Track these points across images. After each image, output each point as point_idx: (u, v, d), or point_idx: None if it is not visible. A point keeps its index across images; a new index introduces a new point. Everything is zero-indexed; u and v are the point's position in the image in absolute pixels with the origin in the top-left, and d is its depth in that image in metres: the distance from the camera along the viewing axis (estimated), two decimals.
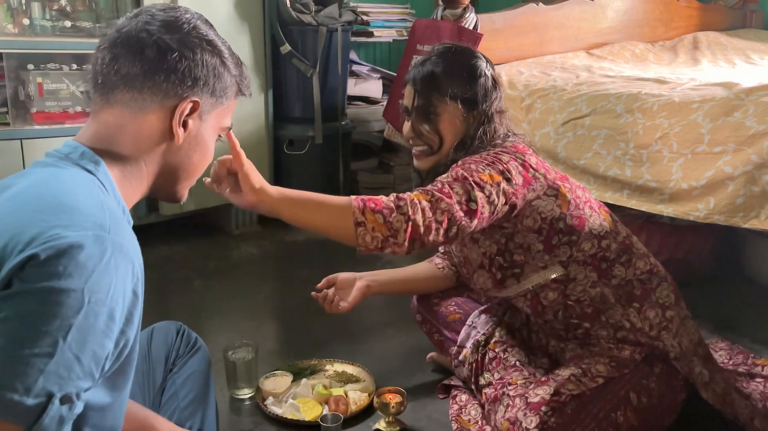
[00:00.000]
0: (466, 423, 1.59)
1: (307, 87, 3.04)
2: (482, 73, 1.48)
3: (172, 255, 2.73)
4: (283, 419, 1.59)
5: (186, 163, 0.99)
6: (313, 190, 3.35)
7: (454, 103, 1.45)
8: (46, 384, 0.72)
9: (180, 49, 0.92)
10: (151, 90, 0.92)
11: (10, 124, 2.46)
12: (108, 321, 0.78)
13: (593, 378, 1.39)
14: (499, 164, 1.36)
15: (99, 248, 0.77)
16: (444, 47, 1.53)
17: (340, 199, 1.28)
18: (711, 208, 1.78)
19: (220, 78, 0.96)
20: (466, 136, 1.46)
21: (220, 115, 1.00)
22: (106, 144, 0.92)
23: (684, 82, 2.16)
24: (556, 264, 1.44)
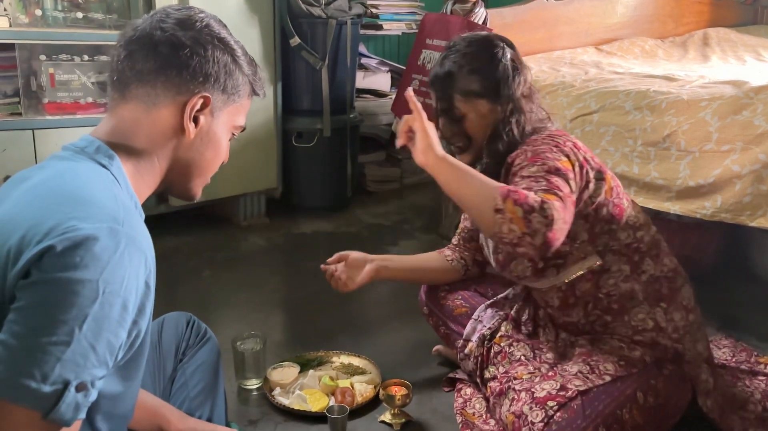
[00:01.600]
0: (471, 416, 1.61)
1: (316, 80, 3.04)
2: (499, 60, 1.45)
3: (180, 246, 2.75)
4: (290, 409, 1.61)
5: (198, 160, 1.00)
6: (320, 183, 3.39)
7: (477, 99, 1.44)
8: (63, 371, 0.75)
9: (192, 46, 0.95)
10: (164, 85, 0.94)
11: (22, 114, 2.48)
12: (122, 311, 0.80)
13: (600, 375, 1.40)
14: (563, 149, 1.38)
15: (113, 240, 0.79)
16: (459, 40, 1.50)
17: (493, 182, 1.29)
18: (718, 206, 1.78)
19: (231, 75, 0.98)
20: (497, 126, 1.45)
21: (232, 113, 1.02)
22: (122, 138, 0.95)
23: (693, 79, 2.16)
24: (594, 254, 1.45)
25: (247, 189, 2.99)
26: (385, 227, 3.07)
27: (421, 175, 3.71)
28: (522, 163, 1.37)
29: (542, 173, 1.30)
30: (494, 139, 1.46)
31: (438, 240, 2.80)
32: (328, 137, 3.08)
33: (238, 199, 2.99)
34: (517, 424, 1.34)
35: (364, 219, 3.17)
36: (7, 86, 2.55)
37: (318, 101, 3.06)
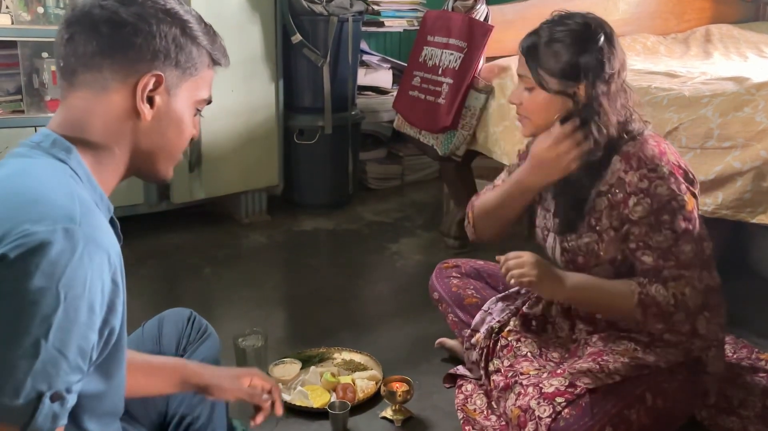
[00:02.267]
0: (472, 412, 1.61)
1: (317, 77, 3.04)
2: (586, 48, 1.38)
3: (182, 243, 2.76)
4: (291, 405, 1.62)
5: (161, 141, 0.95)
6: (321, 180, 3.39)
7: (552, 78, 1.40)
8: (35, 383, 0.73)
9: (135, 22, 0.89)
10: (111, 68, 0.89)
11: (24, 111, 2.49)
12: (89, 313, 0.78)
13: (610, 375, 1.39)
14: (682, 181, 1.37)
15: (70, 242, 0.76)
16: (558, 15, 1.46)
17: (624, 290, 1.41)
18: (719, 202, 1.78)
19: (183, 49, 0.92)
20: (569, 113, 1.41)
21: (192, 88, 0.96)
22: (77, 130, 0.90)
23: (695, 75, 2.15)
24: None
25: (249, 186, 2.99)
26: (386, 224, 3.07)
27: (423, 172, 3.72)
28: (644, 216, 1.36)
29: (670, 243, 1.36)
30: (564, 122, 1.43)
31: (439, 237, 2.80)
32: (330, 134, 3.08)
33: (240, 196, 2.99)
34: (522, 418, 1.35)
35: (365, 216, 3.17)
36: (9, 84, 2.56)
37: (319, 98, 3.06)
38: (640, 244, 1.39)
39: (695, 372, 1.45)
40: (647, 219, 1.36)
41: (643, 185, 1.36)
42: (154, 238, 2.75)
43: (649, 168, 1.36)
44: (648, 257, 1.38)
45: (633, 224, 1.38)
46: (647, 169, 1.36)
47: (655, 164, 1.37)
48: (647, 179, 1.36)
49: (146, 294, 2.33)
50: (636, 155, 1.38)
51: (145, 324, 1.40)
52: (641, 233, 1.38)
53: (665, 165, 1.37)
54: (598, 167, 1.41)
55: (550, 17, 1.46)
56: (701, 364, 1.45)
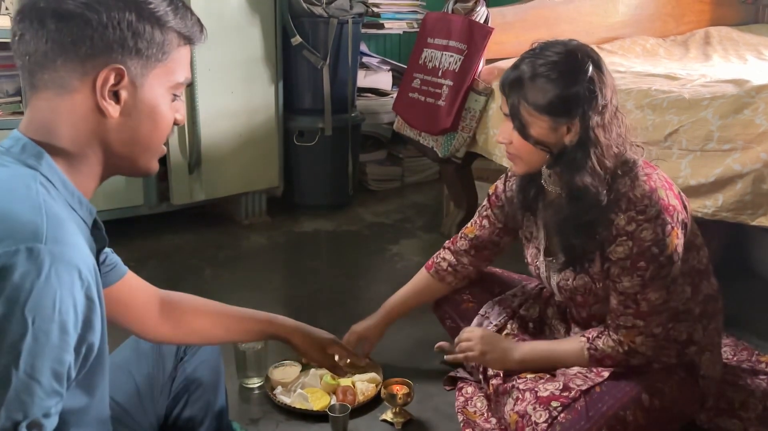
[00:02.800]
0: (472, 415, 1.61)
1: (317, 79, 3.05)
2: (577, 79, 1.30)
3: (182, 245, 2.75)
4: (291, 408, 1.62)
5: (135, 136, 0.88)
6: (321, 182, 3.39)
7: (541, 114, 1.32)
8: (10, 414, 0.71)
9: (83, 13, 0.82)
10: (65, 66, 0.82)
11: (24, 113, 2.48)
12: (61, 335, 0.74)
13: (598, 373, 1.41)
14: (671, 225, 1.32)
15: (34, 263, 0.72)
16: (538, 46, 1.36)
17: (574, 350, 1.45)
18: (719, 205, 1.78)
19: (141, 35, 0.85)
20: (562, 150, 1.34)
21: (163, 74, 0.89)
22: (44, 135, 0.84)
23: (694, 78, 2.15)
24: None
25: (249, 187, 2.99)
26: (386, 226, 3.07)
27: (423, 174, 3.72)
28: (622, 258, 1.33)
29: (636, 290, 1.34)
30: (557, 161, 1.36)
31: (439, 238, 2.80)
32: (330, 136, 3.09)
33: (240, 197, 3.00)
34: (520, 424, 1.35)
35: (365, 217, 3.17)
36: (8, 85, 2.56)
37: (319, 100, 3.06)
38: (611, 285, 1.38)
39: (692, 375, 1.45)
40: (623, 263, 1.34)
41: (630, 228, 1.32)
42: (154, 240, 2.75)
43: (637, 209, 1.31)
44: (614, 299, 1.39)
45: (611, 263, 1.36)
46: (635, 210, 1.32)
47: (644, 205, 1.32)
48: (634, 222, 1.32)
49: None
50: (626, 196, 1.33)
51: None
52: (614, 274, 1.36)
53: (654, 204, 1.32)
54: (602, 207, 1.34)
55: (531, 49, 1.37)
56: (695, 367, 1.45)
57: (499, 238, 1.68)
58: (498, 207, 1.64)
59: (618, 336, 1.39)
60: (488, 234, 1.67)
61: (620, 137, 1.35)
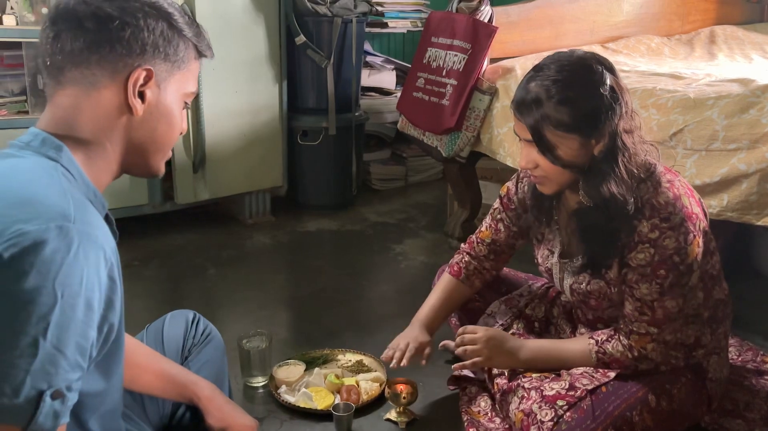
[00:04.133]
0: (476, 414, 1.61)
1: (321, 78, 3.05)
2: (596, 89, 1.27)
3: (186, 244, 2.76)
4: (295, 407, 1.62)
5: (152, 136, 0.94)
6: (325, 181, 3.39)
7: (568, 133, 1.29)
8: (34, 382, 0.73)
9: (121, 16, 0.88)
10: (99, 64, 0.88)
11: (29, 112, 2.49)
12: (87, 310, 0.78)
13: (605, 373, 1.40)
14: (694, 234, 1.30)
15: (64, 240, 0.75)
16: (548, 61, 1.32)
17: (581, 349, 1.44)
18: (724, 205, 1.78)
19: (170, 42, 0.92)
20: (592, 163, 1.32)
21: (181, 81, 0.96)
22: (66, 128, 0.89)
23: (700, 77, 2.15)
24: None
25: (253, 187, 2.99)
26: (390, 225, 3.07)
27: (426, 173, 3.72)
28: (643, 265, 1.31)
29: (654, 297, 1.32)
30: (589, 175, 1.32)
31: (443, 238, 2.80)
32: (334, 135, 3.09)
33: (244, 197, 3.00)
34: (525, 422, 1.34)
35: (369, 217, 3.17)
36: (14, 85, 2.57)
37: (323, 99, 3.06)
38: (627, 290, 1.36)
39: (699, 377, 1.45)
40: (643, 269, 1.32)
41: (653, 235, 1.29)
42: (158, 239, 2.76)
43: (661, 217, 1.29)
44: (629, 305, 1.36)
45: (630, 269, 1.34)
46: (659, 218, 1.29)
47: (668, 212, 1.30)
48: (658, 230, 1.29)
49: (150, 294, 2.33)
50: (649, 202, 1.31)
51: (149, 327, 1.40)
52: (632, 279, 1.34)
53: (678, 212, 1.30)
54: (629, 215, 1.32)
55: (537, 67, 1.33)
56: (703, 370, 1.44)
57: (515, 241, 1.66)
58: (511, 210, 1.62)
59: (629, 341, 1.37)
60: (504, 238, 1.65)
61: (640, 138, 1.34)
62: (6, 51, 2.52)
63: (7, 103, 2.52)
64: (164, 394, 1.25)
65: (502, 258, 1.71)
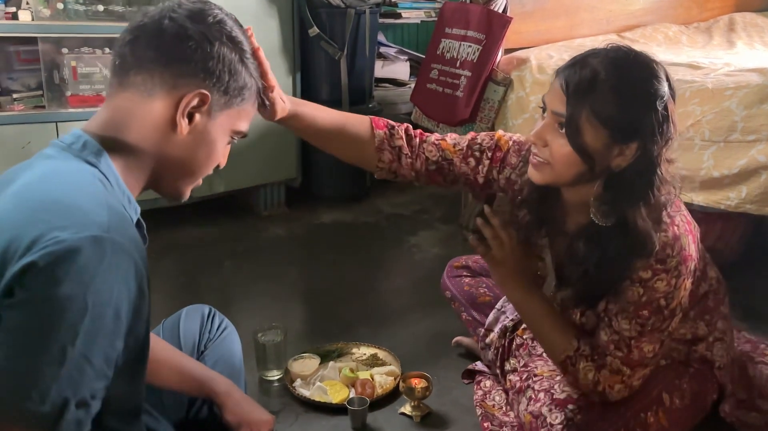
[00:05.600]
0: (491, 408, 1.61)
1: (334, 70, 3.04)
2: (654, 100, 1.13)
3: (202, 237, 2.78)
4: (311, 401, 1.63)
5: (189, 159, 0.96)
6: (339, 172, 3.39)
7: (601, 126, 1.14)
8: (60, 390, 0.74)
9: (198, 40, 0.91)
10: (161, 76, 0.91)
11: (45, 107, 2.51)
12: (115, 321, 0.79)
13: None
14: (685, 277, 1.22)
15: (98, 250, 0.76)
16: (616, 49, 1.18)
17: (560, 340, 1.32)
18: (743, 197, 1.76)
19: (235, 76, 0.94)
20: (611, 173, 1.19)
21: (233, 117, 0.97)
22: (114, 130, 0.91)
23: (718, 67, 2.12)
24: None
25: (267, 179, 3.00)
26: (404, 217, 3.06)
27: None
28: (628, 301, 1.22)
29: (632, 335, 1.23)
30: (615, 194, 1.20)
31: (457, 230, 2.80)
32: None
33: (259, 189, 3.01)
34: (534, 424, 1.33)
35: (383, 208, 3.17)
36: (30, 79, 2.58)
37: (337, 91, 3.06)
38: (605, 319, 1.27)
39: (706, 365, 1.42)
40: (627, 306, 1.23)
41: (645, 275, 1.20)
42: (174, 232, 2.77)
43: (657, 258, 1.19)
44: (604, 335, 1.26)
45: (612, 300, 1.26)
46: (656, 259, 1.19)
47: (666, 255, 1.19)
48: (651, 270, 1.20)
49: (166, 288, 2.35)
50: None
51: (165, 322, 1.42)
52: (612, 311, 1.25)
53: (676, 255, 1.20)
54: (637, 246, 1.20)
55: (608, 48, 1.18)
56: (708, 362, 1.42)
57: (465, 184, 1.44)
58: (494, 169, 1.40)
59: (599, 375, 1.26)
60: (463, 172, 1.42)
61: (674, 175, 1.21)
62: (22, 46, 2.53)
63: (24, 98, 2.54)
64: (181, 389, 1.27)
65: (435, 178, 1.45)
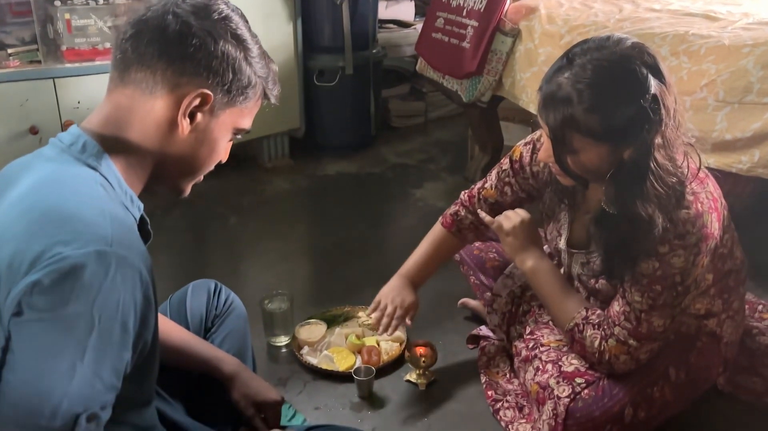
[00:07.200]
0: (495, 375, 1.63)
1: (336, 15, 2.94)
2: (637, 100, 1.12)
3: (206, 191, 2.75)
4: (318, 369, 1.66)
5: (191, 157, 0.94)
6: (343, 122, 3.33)
7: (595, 142, 1.16)
8: (72, 406, 0.75)
9: (202, 37, 0.88)
10: (163, 73, 0.88)
11: (42, 62, 2.45)
12: (122, 333, 0.79)
13: None
14: (700, 257, 1.22)
15: (103, 265, 0.76)
16: (582, 50, 1.16)
17: (569, 310, 1.38)
18: (755, 161, 1.71)
19: (239, 75, 0.91)
20: (619, 168, 1.20)
21: (236, 115, 0.95)
22: (115, 128, 0.90)
23: (736, 18, 2.02)
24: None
25: (271, 130, 2.96)
26: (409, 167, 3.03)
27: (446, 108, 3.63)
28: (642, 274, 1.23)
29: (643, 308, 1.25)
30: (616, 185, 1.22)
31: (463, 182, 2.77)
32: (351, 75, 3.01)
33: (262, 140, 2.98)
34: (541, 395, 1.36)
35: (388, 158, 3.13)
36: (24, 32, 2.51)
37: (339, 37, 2.97)
38: (620, 289, 1.29)
39: (713, 340, 1.42)
40: (641, 278, 1.24)
41: (663, 249, 1.21)
42: None
43: (677, 232, 1.19)
44: (617, 305, 1.29)
45: (629, 272, 1.27)
46: (674, 233, 1.20)
47: (686, 230, 1.20)
48: (669, 245, 1.20)
49: (173, 247, 2.35)
50: (668, 215, 1.21)
51: (172, 298, 1.42)
52: (627, 281, 1.27)
53: (696, 232, 1.20)
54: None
55: (569, 55, 1.17)
56: (717, 336, 1.42)
57: (520, 205, 1.56)
58: (522, 177, 1.51)
59: (606, 344, 1.30)
60: (510, 201, 1.56)
61: (683, 144, 1.21)
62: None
63: (19, 52, 2.47)
64: (189, 368, 1.29)
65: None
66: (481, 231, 1.65)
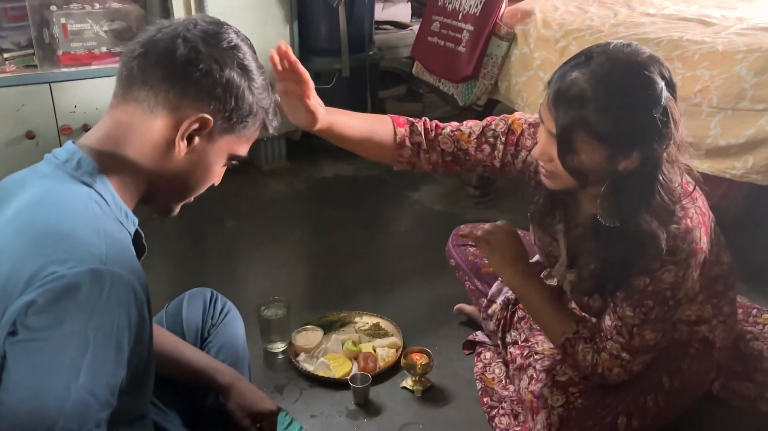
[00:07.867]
0: (490, 381, 1.64)
1: (333, 17, 2.93)
2: (650, 110, 1.09)
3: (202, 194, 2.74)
4: (314, 376, 1.66)
5: (184, 178, 0.95)
6: None
7: (598, 144, 1.13)
8: (67, 425, 0.76)
9: (209, 63, 0.90)
10: (166, 95, 0.90)
11: (38, 66, 2.45)
12: (117, 352, 0.80)
13: None
14: (691, 271, 1.23)
15: (97, 284, 0.77)
16: (600, 52, 1.13)
17: (558, 324, 1.37)
18: (749, 167, 1.72)
19: (241, 103, 0.93)
20: (616, 180, 1.18)
21: (233, 142, 0.96)
22: (112, 145, 0.90)
23: (730, 24, 2.02)
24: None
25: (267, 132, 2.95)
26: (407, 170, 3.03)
27: (443, 109, 3.63)
28: (634, 290, 1.23)
29: (635, 323, 1.25)
30: (617, 198, 1.20)
31: (459, 184, 2.78)
32: (348, 77, 3.01)
33: (259, 142, 2.97)
34: (535, 404, 1.37)
35: None
36: (20, 36, 2.52)
37: (336, 39, 2.96)
38: (611, 304, 1.29)
39: (706, 346, 1.43)
40: (632, 293, 1.24)
41: (654, 266, 1.21)
42: None
43: (667, 249, 1.19)
44: (609, 319, 1.29)
45: (620, 287, 1.27)
46: (665, 250, 1.20)
47: (676, 246, 1.19)
48: (660, 261, 1.20)
49: (169, 252, 2.35)
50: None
51: (168, 307, 1.43)
52: (619, 297, 1.27)
53: (687, 248, 1.20)
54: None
55: (587, 55, 1.14)
56: (710, 342, 1.43)
57: (483, 170, 1.44)
58: (512, 154, 1.39)
59: (600, 358, 1.30)
60: (479, 160, 1.41)
61: (680, 164, 1.19)
62: (9, 2, 2.47)
63: (15, 57, 2.48)
64: (185, 379, 1.29)
65: (454, 168, 1.44)
66: (416, 162, 1.42)
